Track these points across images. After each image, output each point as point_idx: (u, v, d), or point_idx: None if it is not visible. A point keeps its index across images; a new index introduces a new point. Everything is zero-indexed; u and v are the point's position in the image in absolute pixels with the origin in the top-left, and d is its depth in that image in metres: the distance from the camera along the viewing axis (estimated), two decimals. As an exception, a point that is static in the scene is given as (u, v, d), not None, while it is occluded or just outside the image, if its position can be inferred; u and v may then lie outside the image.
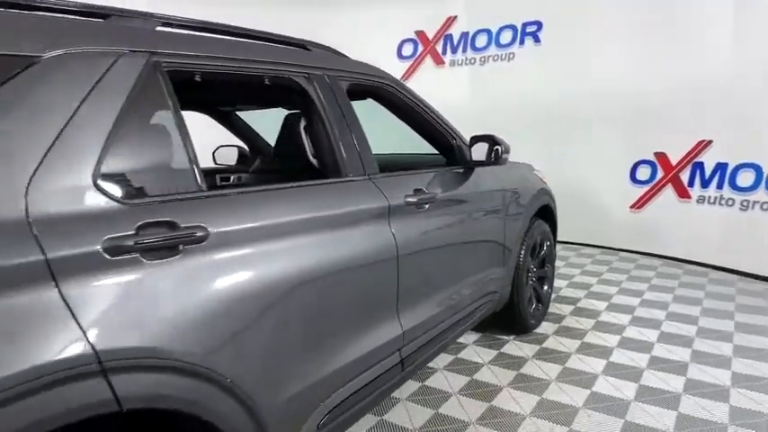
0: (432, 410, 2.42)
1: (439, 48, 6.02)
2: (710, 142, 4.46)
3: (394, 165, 2.32)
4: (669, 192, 4.79)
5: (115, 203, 1.14)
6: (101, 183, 1.13)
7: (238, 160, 3.22)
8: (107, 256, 1.08)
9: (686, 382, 2.61)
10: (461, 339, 3.18)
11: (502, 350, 3.06)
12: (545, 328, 3.36)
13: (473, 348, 3.09)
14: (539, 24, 5.37)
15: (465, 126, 2.69)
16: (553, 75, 5.26)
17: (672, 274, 4.47)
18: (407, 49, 6.19)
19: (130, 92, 1.23)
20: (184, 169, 1.32)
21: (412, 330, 2.03)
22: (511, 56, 5.57)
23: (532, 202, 3.09)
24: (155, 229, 1.17)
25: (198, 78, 1.49)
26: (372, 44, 5.71)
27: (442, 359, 2.95)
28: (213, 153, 3.25)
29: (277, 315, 1.41)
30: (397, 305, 1.93)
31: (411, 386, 2.65)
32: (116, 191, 1.15)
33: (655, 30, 4.65)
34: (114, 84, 1.21)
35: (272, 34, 1.87)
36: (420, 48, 6.12)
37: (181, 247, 1.21)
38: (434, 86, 5.63)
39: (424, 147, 2.76)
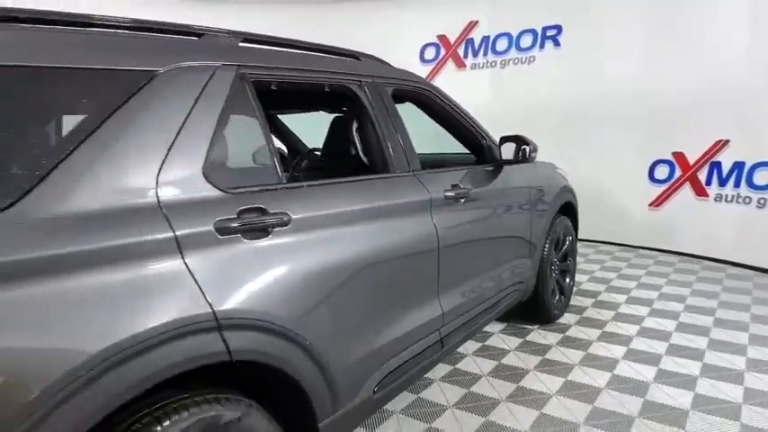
0: (464, 389, 2.63)
1: (460, 51, 6.23)
2: (728, 142, 4.59)
3: (429, 162, 2.54)
4: (687, 190, 4.94)
5: (221, 192, 1.37)
6: (208, 175, 1.36)
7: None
8: (218, 235, 1.32)
9: (702, 366, 2.78)
10: (488, 328, 3.38)
11: (527, 338, 3.25)
12: (567, 318, 3.55)
13: (499, 336, 3.29)
14: (558, 28, 5.54)
15: (486, 127, 2.89)
16: (573, 77, 5.43)
17: (689, 269, 4.61)
18: (429, 53, 6.41)
19: (226, 99, 1.47)
20: (269, 164, 1.55)
21: (450, 312, 2.24)
22: (531, 59, 5.76)
23: (556, 199, 3.29)
24: (251, 214, 1.41)
25: (273, 87, 1.72)
26: (396, 48, 5.93)
27: (471, 345, 3.15)
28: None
29: (343, 290, 1.63)
30: (437, 288, 2.15)
31: (443, 369, 2.85)
32: (220, 182, 1.38)
33: (671, 31, 4.80)
34: (214, 92, 1.45)
35: (326, 46, 2.10)
36: (442, 51, 6.33)
37: (270, 229, 1.44)
38: (455, 89, 5.77)
39: (452, 146, 2.98)
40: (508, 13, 5.86)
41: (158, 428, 1.14)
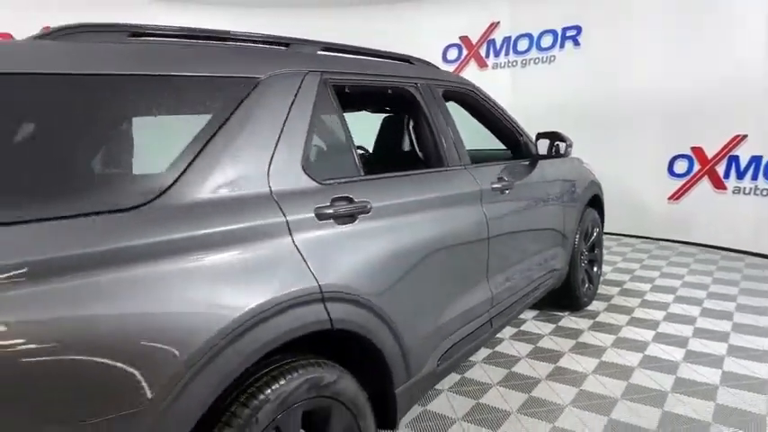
0: (506, 370, 2.82)
1: (482, 51, 6.41)
2: (745, 136, 4.74)
3: (470, 157, 2.73)
4: (705, 183, 5.09)
5: (316, 184, 1.58)
6: (306, 168, 1.57)
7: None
8: (317, 220, 1.52)
9: (728, 347, 2.96)
10: (522, 315, 3.57)
11: (559, 324, 3.44)
12: (596, 305, 3.73)
13: (533, 322, 3.48)
14: (578, 29, 5.71)
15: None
16: (592, 75, 5.59)
17: (710, 260, 4.77)
18: (452, 54, 6.59)
19: (314, 102, 1.67)
20: (351, 158, 1.76)
21: (497, 295, 2.44)
22: (552, 58, 5.92)
23: (585, 192, 3.47)
24: (341, 202, 1.61)
25: (347, 90, 1.92)
26: (419, 49, 6.10)
27: (507, 331, 3.34)
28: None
29: (414, 270, 1.84)
30: (487, 273, 2.34)
31: (483, 352, 3.05)
32: (315, 174, 1.59)
33: (688, 30, 4.95)
34: (305, 95, 1.66)
35: (384, 51, 2.29)
36: (464, 52, 6.51)
37: (356, 215, 1.64)
38: (477, 88, 6.01)
39: (485, 142, 3.16)
40: (529, 14, 6.03)
41: (279, 383, 1.34)
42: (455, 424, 2.32)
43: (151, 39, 1.49)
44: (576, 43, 5.76)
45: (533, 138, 2.99)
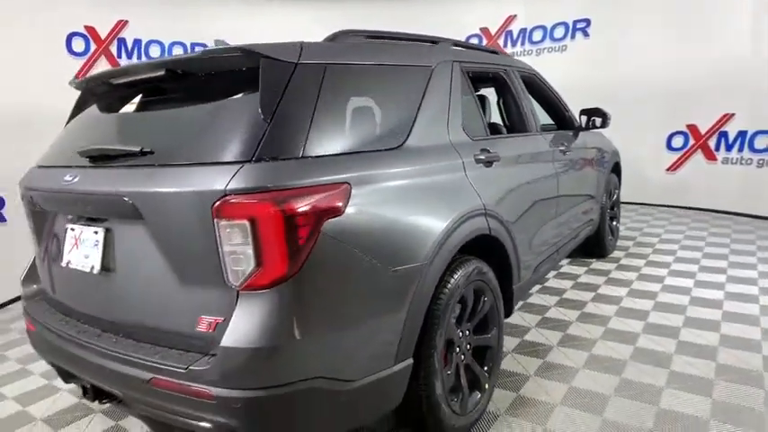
0: (558, 297, 3.59)
1: (501, 41, 7.13)
2: (733, 115, 5.59)
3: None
4: (699, 156, 5.94)
5: (470, 139, 2.29)
6: (464, 128, 2.27)
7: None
8: (474, 163, 2.23)
9: (727, 279, 3.78)
10: (560, 262, 4.33)
11: (590, 267, 4.23)
12: (616, 254, 4.53)
13: (569, 266, 4.26)
14: (588, 21, 6.47)
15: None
16: (600, 63, 6.36)
17: (704, 219, 5.63)
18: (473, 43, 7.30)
19: (461, 82, 2.37)
20: (482, 123, 2.47)
21: (561, 231, 3.20)
22: (563, 48, 6.68)
23: (611, 159, 4.25)
24: (484, 152, 2.33)
25: (470, 75, 2.62)
26: (443, 40, 6.80)
27: (551, 273, 4.11)
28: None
29: (523, 203, 2.58)
30: (556, 213, 3.09)
31: (537, 286, 3.80)
32: (469, 133, 2.30)
33: (686, 21, 5.76)
34: (456, 78, 2.36)
35: (482, 47, 3.00)
36: (485, 42, 7.22)
37: (492, 162, 2.36)
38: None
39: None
40: (543, 8, 6.77)
41: (464, 267, 2.05)
42: (508, 356, 3.09)
43: (377, 40, 2.17)
44: (586, 34, 6.52)
45: (576, 114, 3.73)
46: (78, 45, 5.23)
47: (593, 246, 4.31)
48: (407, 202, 1.78)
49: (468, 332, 2.13)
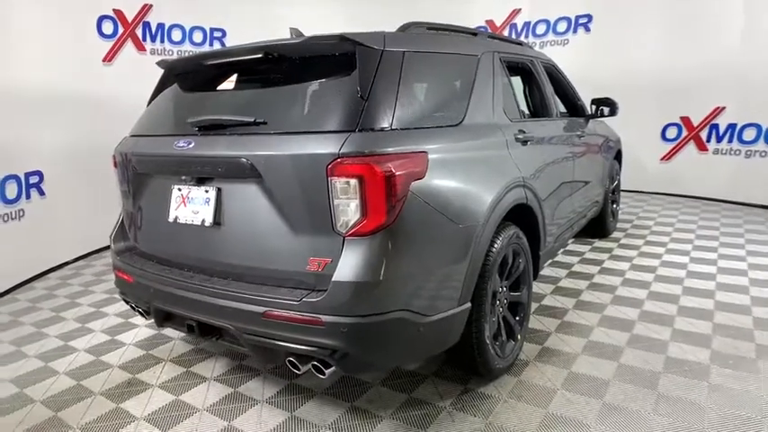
0: (567, 270, 3.95)
1: (505, 33, 7.43)
2: (724, 108, 5.99)
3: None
4: (691, 146, 6.35)
5: (509, 120, 2.61)
6: (504, 110, 2.59)
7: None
8: (515, 141, 2.55)
9: (719, 256, 4.18)
10: (564, 240, 4.70)
11: (593, 245, 4.60)
12: (616, 235, 4.91)
13: (574, 245, 4.62)
14: (589, 17, 6.81)
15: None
16: (600, 57, 6.71)
17: (695, 206, 6.05)
18: (478, 35, 7.60)
19: (502, 70, 2.68)
20: (517, 106, 2.79)
21: (575, 208, 3.54)
22: (565, 41, 7.02)
23: (614, 147, 4.62)
24: (521, 132, 2.65)
25: (504, 63, 2.92)
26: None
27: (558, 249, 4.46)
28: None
29: (550, 180, 2.91)
30: (571, 191, 3.43)
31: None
32: (507, 114, 2.61)
33: (681, 19, 6.12)
34: (497, 66, 2.66)
35: (511, 38, 3.31)
36: (490, 34, 7.53)
37: (527, 142, 2.68)
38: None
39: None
40: (546, 2, 7.09)
41: (506, 231, 2.37)
42: (530, 317, 3.45)
43: (435, 31, 2.46)
44: (587, 29, 6.87)
45: (587, 103, 4.07)
46: (107, 28, 5.41)
47: (596, 226, 4.67)
48: (468, 170, 2.10)
49: (505, 288, 2.47)
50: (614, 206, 4.96)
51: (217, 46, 6.38)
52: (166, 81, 2.44)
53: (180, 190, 2.07)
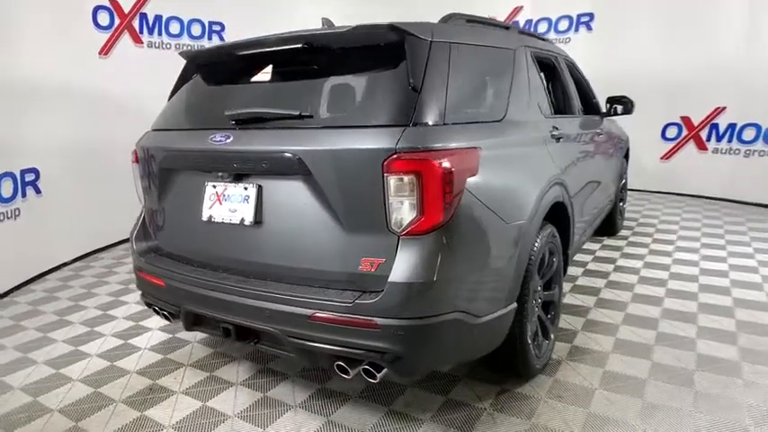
0: (583, 268, 3.94)
1: (506, 32, 7.43)
2: (725, 108, 6.06)
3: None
4: (691, 146, 6.41)
5: (544, 117, 2.56)
6: (537, 106, 2.54)
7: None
8: (550, 138, 2.51)
9: (728, 254, 4.21)
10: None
11: (604, 243, 4.60)
12: (624, 233, 4.93)
13: (586, 244, 4.61)
14: (591, 15, 6.83)
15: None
16: (602, 56, 6.72)
17: (696, 204, 6.12)
18: (478, 33, 7.57)
19: (527, 62, 2.63)
20: (548, 103, 2.75)
21: (596, 204, 3.53)
22: (567, 40, 7.02)
23: (624, 146, 4.64)
24: (554, 129, 2.61)
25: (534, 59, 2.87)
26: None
27: (569, 247, 4.45)
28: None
29: (579, 175, 2.89)
30: (593, 187, 3.41)
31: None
32: (542, 111, 2.57)
33: (683, 19, 6.17)
34: (529, 60, 2.61)
35: (538, 35, 3.27)
36: (490, 32, 7.50)
37: (560, 138, 2.64)
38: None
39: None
40: (548, 0, 7.08)
41: (544, 230, 2.31)
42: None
43: (474, 23, 2.40)
44: (589, 28, 6.89)
45: (602, 101, 4.07)
46: (103, 18, 5.23)
47: (606, 224, 4.64)
48: (514, 167, 2.06)
49: (541, 287, 2.43)
50: (622, 204, 4.97)
51: (216, 40, 6.24)
52: (190, 72, 2.33)
53: (215, 187, 1.97)
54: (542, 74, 3.04)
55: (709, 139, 6.26)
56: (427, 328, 1.64)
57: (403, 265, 1.62)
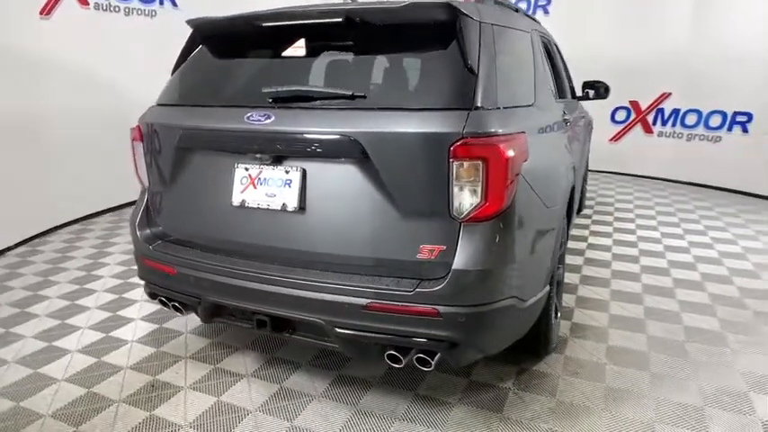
0: (585, 243, 4.10)
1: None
2: (670, 94, 6.48)
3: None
4: (638, 129, 6.82)
5: (555, 101, 2.59)
6: (549, 89, 2.56)
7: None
8: (563, 123, 2.55)
9: (683, 231, 4.56)
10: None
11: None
12: (587, 212, 5.18)
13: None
14: (549, 0, 7.00)
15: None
16: (558, 39, 6.90)
17: (643, 183, 6.55)
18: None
19: (539, 46, 2.64)
20: (555, 87, 2.78)
21: (579, 184, 3.66)
22: (526, 22, 7.15)
23: (591, 127, 4.82)
24: (565, 114, 2.65)
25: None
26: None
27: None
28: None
29: (576, 157, 2.95)
30: (578, 168, 3.52)
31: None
32: (554, 94, 2.59)
33: (634, 8, 6.48)
34: (541, 44, 2.62)
35: (532, 16, 3.27)
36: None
37: (568, 122, 2.69)
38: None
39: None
40: (508, -19, 7.15)
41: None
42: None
43: (501, 5, 2.34)
44: (546, 12, 7.05)
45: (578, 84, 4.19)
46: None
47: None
48: (548, 152, 2.07)
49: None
50: (584, 184, 5.22)
51: (168, 5, 5.72)
52: (197, 43, 2.11)
53: (247, 170, 1.81)
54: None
55: (654, 123, 6.69)
56: (487, 314, 1.62)
57: (466, 252, 1.58)
